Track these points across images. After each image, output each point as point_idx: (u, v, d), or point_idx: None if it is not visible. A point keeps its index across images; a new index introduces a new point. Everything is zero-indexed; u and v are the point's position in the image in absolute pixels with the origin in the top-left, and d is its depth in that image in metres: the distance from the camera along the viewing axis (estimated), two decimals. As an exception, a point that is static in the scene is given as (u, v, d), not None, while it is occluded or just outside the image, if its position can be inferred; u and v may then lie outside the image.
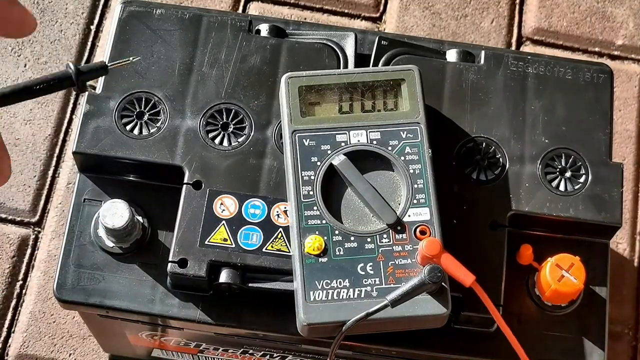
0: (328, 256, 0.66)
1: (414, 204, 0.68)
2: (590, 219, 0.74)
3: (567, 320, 0.74)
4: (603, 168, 0.75)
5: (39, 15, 1.15)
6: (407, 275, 0.66)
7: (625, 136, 1.13)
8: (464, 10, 1.18)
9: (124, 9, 0.79)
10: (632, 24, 1.18)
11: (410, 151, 0.69)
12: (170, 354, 0.89)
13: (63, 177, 1.08)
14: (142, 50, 0.77)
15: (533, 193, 0.74)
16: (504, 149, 0.75)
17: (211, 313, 0.72)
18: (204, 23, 0.78)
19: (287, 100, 0.71)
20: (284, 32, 0.79)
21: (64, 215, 1.06)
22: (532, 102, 0.77)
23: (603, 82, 0.78)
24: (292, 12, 1.17)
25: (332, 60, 0.77)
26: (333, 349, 0.64)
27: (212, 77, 0.76)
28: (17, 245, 1.04)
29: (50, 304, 1.03)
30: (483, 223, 0.73)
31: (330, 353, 0.64)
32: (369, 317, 0.63)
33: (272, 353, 0.81)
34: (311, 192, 0.68)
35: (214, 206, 0.72)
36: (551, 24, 1.17)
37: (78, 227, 0.74)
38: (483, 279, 0.70)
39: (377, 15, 1.18)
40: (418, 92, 0.71)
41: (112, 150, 0.73)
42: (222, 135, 0.74)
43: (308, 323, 0.64)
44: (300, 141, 0.69)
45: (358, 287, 0.66)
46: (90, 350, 1.01)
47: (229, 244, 0.71)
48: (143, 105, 0.75)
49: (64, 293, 0.73)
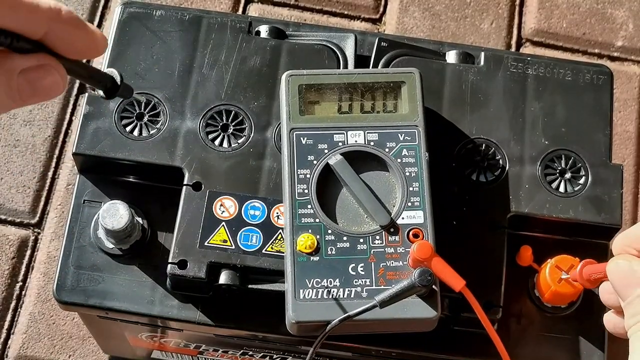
0: (320, 255, 0.66)
1: (408, 207, 0.68)
2: (590, 220, 0.74)
3: (567, 321, 0.74)
4: (603, 169, 0.75)
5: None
6: (398, 277, 0.66)
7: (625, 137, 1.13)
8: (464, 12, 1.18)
9: (124, 10, 0.79)
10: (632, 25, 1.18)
11: (407, 154, 0.69)
12: (170, 355, 0.89)
13: (63, 179, 1.08)
14: (142, 51, 0.77)
15: (533, 194, 0.74)
16: (503, 150, 0.75)
17: (211, 314, 0.72)
18: (204, 24, 0.78)
19: (287, 98, 0.71)
20: (283, 34, 0.79)
21: (63, 217, 1.06)
22: (532, 103, 0.77)
23: (603, 83, 0.78)
24: (292, 14, 1.17)
25: (331, 62, 0.77)
26: (315, 347, 0.64)
27: (212, 78, 0.76)
28: (17, 246, 1.04)
29: (50, 305, 1.03)
30: (483, 224, 0.73)
31: (311, 351, 0.64)
32: (356, 318, 0.63)
33: (271, 354, 0.81)
34: (306, 191, 0.68)
35: (214, 207, 0.72)
36: (551, 26, 1.18)
37: (78, 229, 0.74)
38: (483, 280, 0.70)
39: (376, 17, 1.18)
40: (418, 95, 0.71)
41: (111, 152, 0.73)
42: (222, 137, 0.74)
43: (297, 321, 0.65)
44: (297, 139, 0.70)
45: (348, 287, 0.66)
46: (90, 352, 1.01)
47: (228, 245, 0.71)
48: (143, 107, 0.75)
49: (64, 294, 0.73)
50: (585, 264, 0.65)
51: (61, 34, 0.47)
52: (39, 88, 0.48)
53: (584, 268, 0.65)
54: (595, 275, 0.63)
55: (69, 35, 0.47)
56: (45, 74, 0.47)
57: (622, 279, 0.56)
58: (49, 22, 0.46)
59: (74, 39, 0.48)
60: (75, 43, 0.48)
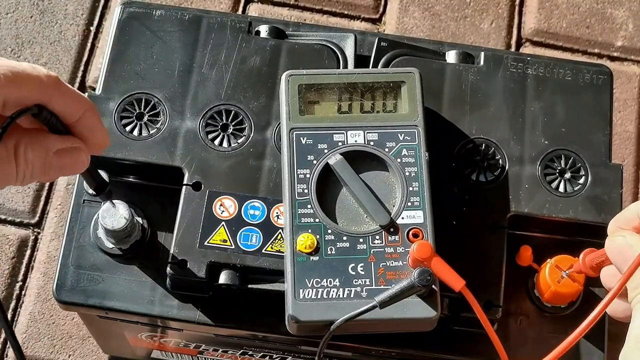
0: (319, 255, 0.66)
1: (408, 207, 0.68)
2: (590, 220, 0.74)
3: (567, 321, 0.74)
4: (603, 169, 0.75)
5: (39, 16, 1.15)
6: (397, 277, 0.66)
7: (624, 137, 1.13)
8: (464, 12, 1.18)
9: (124, 10, 0.79)
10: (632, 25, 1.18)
11: (407, 154, 0.69)
12: (170, 355, 0.89)
13: (62, 178, 1.08)
14: (142, 51, 0.77)
15: (533, 194, 0.74)
16: (503, 150, 0.75)
17: (210, 314, 0.72)
18: (204, 24, 0.78)
19: (287, 97, 0.71)
20: (283, 34, 0.79)
21: (63, 217, 1.06)
22: (532, 103, 0.77)
23: (603, 83, 0.78)
24: (292, 14, 1.17)
25: (331, 61, 0.77)
26: (321, 348, 0.64)
27: (211, 78, 0.76)
28: (17, 246, 1.04)
29: (50, 305, 1.03)
30: (483, 224, 0.73)
31: (318, 352, 0.64)
32: (357, 318, 0.63)
33: (271, 354, 0.81)
34: (306, 191, 0.68)
35: (214, 207, 0.72)
36: (551, 25, 1.18)
37: (77, 228, 0.74)
38: (483, 280, 0.70)
39: (376, 17, 1.18)
40: (418, 95, 0.71)
41: (111, 152, 0.73)
42: (222, 137, 0.74)
43: (296, 321, 0.65)
44: (297, 139, 0.70)
45: (348, 287, 0.66)
46: (90, 352, 1.01)
47: (228, 245, 0.71)
48: (143, 107, 0.75)
49: (64, 294, 0.73)
50: (586, 253, 0.66)
51: (90, 124, 0.55)
52: (67, 166, 0.54)
53: (587, 256, 0.66)
54: (597, 260, 0.64)
55: (95, 125, 0.55)
56: (76, 156, 0.55)
57: (620, 254, 0.57)
58: (85, 111, 0.54)
59: (97, 129, 0.55)
60: (97, 133, 0.55)
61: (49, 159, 0.53)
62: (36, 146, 0.52)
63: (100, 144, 0.56)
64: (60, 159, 0.54)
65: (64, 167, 0.54)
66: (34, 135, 0.53)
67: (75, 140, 0.54)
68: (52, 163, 0.53)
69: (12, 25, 1.14)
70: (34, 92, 0.51)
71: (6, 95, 0.50)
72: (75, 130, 0.55)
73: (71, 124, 0.54)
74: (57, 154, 0.53)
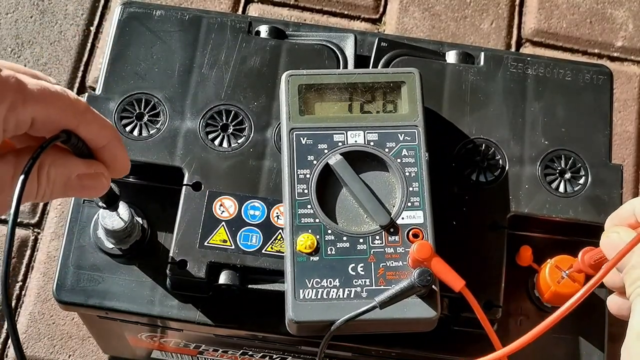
0: (319, 255, 0.66)
1: (408, 207, 0.68)
2: (590, 220, 0.74)
3: (567, 321, 0.74)
4: (603, 169, 0.75)
5: (39, 16, 1.15)
6: (397, 277, 0.66)
7: (624, 137, 1.13)
8: (464, 12, 1.18)
9: (124, 10, 0.79)
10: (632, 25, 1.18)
11: (407, 154, 0.69)
12: (170, 355, 0.89)
13: (63, 179, 1.08)
14: (142, 51, 0.77)
15: (533, 194, 0.74)
16: (503, 151, 0.75)
17: (210, 314, 0.72)
18: (204, 24, 0.78)
19: (287, 98, 0.71)
20: (283, 34, 0.79)
21: (63, 217, 1.06)
22: (532, 103, 0.77)
23: (603, 83, 0.78)
24: (292, 14, 1.17)
25: (331, 62, 0.77)
26: (322, 348, 0.64)
27: (211, 78, 0.76)
28: (17, 246, 1.04)
29: (50, 305, 1.03)
30: (483, 224, 0.73)
31: (319, 352, 0.64)
32: (357, 318, 0.64)
33: (271, 354, 0.81)
34: (306, 191, 0.68)
35: (214, 207, 0.72)
36: (551, 26, 1.18)
37: (77, 229, 0.74)
38: (483, 280, 0.70)
39: (376, 17, 1.18)
40: (418, 95, 0.71)
41: (111, 152, 0.73)
42: (222, 137, 0.74)
43: (296, 321, 0.65)
44: (297, 139, 0.70)
45: (348, 288, 0.66)
46: (90, 352, 1.01)
47: (228, 245, 0.71)
48: (143, 107, 0.75)
49: (64, 294, 0.73)
50: (585, 251, 0.66)
51: (114, 151, 0.55)
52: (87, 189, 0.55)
53: (585, 254, 0.66)
54: (595, 257, 0.65)
55: (119, 153, 0.55)
56: (98, 181, 0.55)
57: (615, 250, 0.57)
58: (110, 139, 0.54)
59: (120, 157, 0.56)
60: (120, 160, 0.56)
61: (71, 181, 0.53)
62: (60, 168, 0.52)
63: (121, 171, 0.57)
64: (81, 181, 0.54)
65: (84, 189, 0.54)
66: (58, 156, 0.52)
67: (99, 166, 0.54)
68: (73, 185, 0.53)
69: (12, 25, 1.14)
70: (63, 114, 0.51)
71: (36, 113, 0.49)
72: (98, 156, 0.55)
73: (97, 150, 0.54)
74: (79, 177, 0.53)
